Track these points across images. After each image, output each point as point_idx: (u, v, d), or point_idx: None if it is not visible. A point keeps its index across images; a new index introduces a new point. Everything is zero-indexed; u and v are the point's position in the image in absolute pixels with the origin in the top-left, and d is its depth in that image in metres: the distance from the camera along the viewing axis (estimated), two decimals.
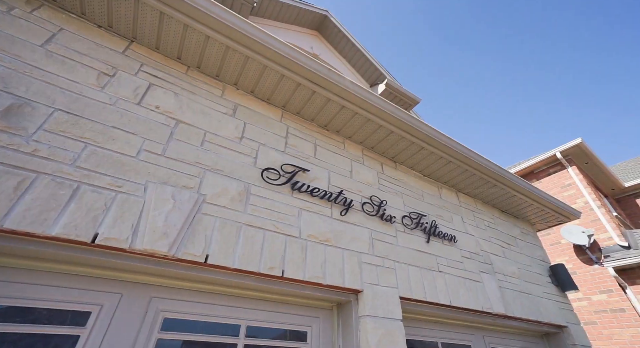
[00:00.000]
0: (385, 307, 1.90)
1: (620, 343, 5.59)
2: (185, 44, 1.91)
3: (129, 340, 1.30)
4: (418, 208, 2.70)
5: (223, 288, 1.62)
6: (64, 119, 1.40)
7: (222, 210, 1.63)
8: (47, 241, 1.18)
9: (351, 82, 2.24)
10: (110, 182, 1.37)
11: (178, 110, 1.79)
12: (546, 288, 3.35)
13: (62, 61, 1.55)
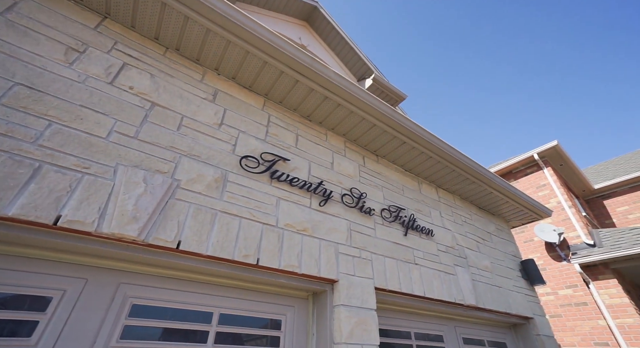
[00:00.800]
0: (360, 296, 1.92)
1: (581, 335, 5.93)
2: (163, 24, 1.83)
3: (93, 326, 1.26)
4: (398, 202, 2.73)
5: (196, 275, 1.59)
6: (25, 94, 1.31)
7: (197, 196, 1.59)
8: (2, 222, 1.11)
9: (335, 73, 2.22)
10: (76, 163, 1.31)
11: (154, 92, 1.72)
12: (516, 282, 3.49)
13: (25, 32, 1.45)
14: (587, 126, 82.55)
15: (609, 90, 59.39)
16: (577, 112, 72.59)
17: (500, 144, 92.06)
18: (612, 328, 5.58)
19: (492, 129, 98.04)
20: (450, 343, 2.64)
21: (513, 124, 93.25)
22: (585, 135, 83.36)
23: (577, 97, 65.96)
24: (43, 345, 1.14)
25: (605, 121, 76.38)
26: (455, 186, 3.44)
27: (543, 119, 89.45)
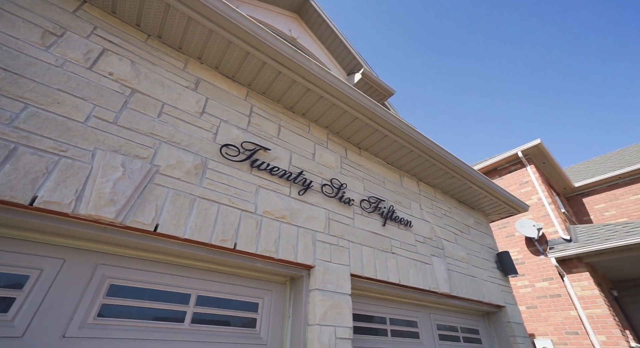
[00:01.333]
0: (335, 282, 2.00)
1: (554, 324, 6.20)
2: (144, 11, 1.83)
3: (71, 304, 1.30)
4: (378, 193, 2.82)
5: (174, 258, 1.63)
6: (1, 76, 1.32)
7: (176, 182, 1.63)
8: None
9: (317, 66, 2.26)
10: (53, 146, 1.33)
11: (134, 79, 1.74)
12: (491, 273, 3.64)
13: (0, 13, 1.45)
14: (574, 126, 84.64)
15: (595, 91, 60.69)
16: (565, 112, 74.24)
17: (489, 142, 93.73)
18: (582, 318, 5.85)
19: (481, 128, 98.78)
20: (424, 328, 2.77)
21: (502, 123, 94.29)
22: (573, 135, 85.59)
23: (564, 97, 67.34)
24: (19, 321, 1.18)
25: (592, 121, 78.36)
26: (436, 179, 3.54)
27: (530, 119, 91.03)
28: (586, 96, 60.64)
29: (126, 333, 1.38)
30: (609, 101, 59.29)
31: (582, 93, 58.25)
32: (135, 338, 1.39)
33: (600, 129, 74.02)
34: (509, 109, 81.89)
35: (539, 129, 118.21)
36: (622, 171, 8.73)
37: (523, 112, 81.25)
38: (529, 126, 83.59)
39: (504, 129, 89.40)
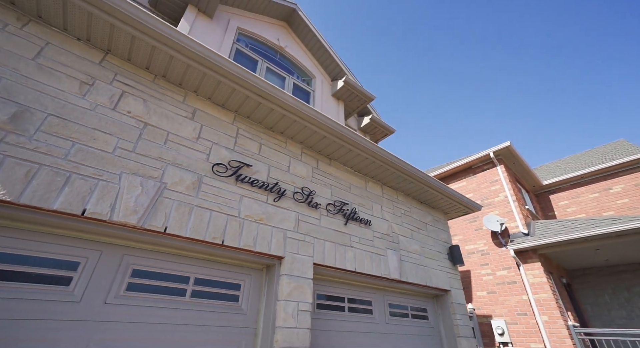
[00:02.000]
0: (300, 269, 2.62)
1: (509, 307, 7.05)
2: (153, 57, 2.35)
3: (107, 281, 1.89)
4: (343, 198, 3.42)
5: (178, 251, 2.23)
6: (55, 122, 1.86)
7: (179, 195, 2.20)
8: (50, 213, 1.70)
9: (291, 97, 2.81)
10: (93, 172, 1.89)
11: (146, 114, 2.28)
12: (441, 263, 4.33)
13: (50, 72, 1.97)
14: (558, 124, 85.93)
15: (572, 89, 60.85)
16: (543, 112, 74.81)
17: (476, 140, 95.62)
18: (531, 302, 6.69)
19: (469, 126, 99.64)
20: (377, 306, 3.45)
21: (486, 124, 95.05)
22: (557, 132, 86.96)
23: (542, 98, 67.54)
24: (77, 291, 1.77)
25: (574, 119, 79.69)
26: (398, 184, 4.16)
27: (511, 120, 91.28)
28: (565, 96, 61.00)
29: (145, 302, 1.99)
30: (590, 100, 59.79)
31: (559, 93, 58.22)
32: (151, 306, 2.00)
33: (582, 128, 75.24)
34: (497, 109, 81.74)
35: (519, 127, 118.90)
36: (583, 171, 9.51)
37: (510, 112, 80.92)
38: (509, 127, 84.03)
39: (488, 129, 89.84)
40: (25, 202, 1.61)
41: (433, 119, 79.12)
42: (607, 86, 61.26)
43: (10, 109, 1.73)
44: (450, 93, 65.78)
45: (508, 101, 63.98)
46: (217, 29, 4.84)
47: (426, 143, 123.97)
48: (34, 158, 1.72)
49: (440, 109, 76.37)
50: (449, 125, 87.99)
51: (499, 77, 52.86)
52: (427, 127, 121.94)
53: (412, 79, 55.71)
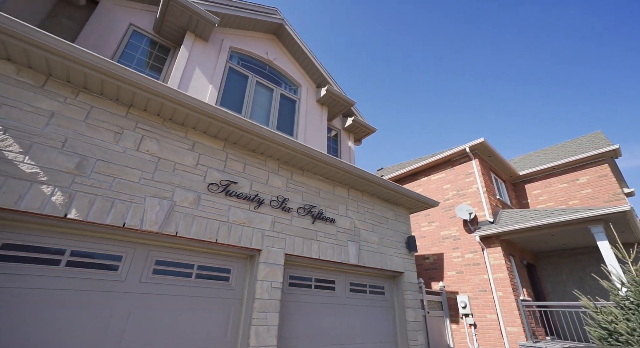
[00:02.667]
0: (274, 258, 3.62)
1: (472, 285, 8.15)
2: (162, 109, 3.23)
3: (140, 267, 2.90)
4: (312, 202, 4.36)
5: (186, 247, 3.22)
6: (102, 165, 2.80)
7: (185, 209, 3.16)
8: (104, 226, 2.68)
9: (267, 130, 3.69)
10: (127, 197, 2.84)
11: (159, 151, 3.20)
12: (399, 250, 5.32)
13: (95, 128, 2.88)
14: (524, 121, 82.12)
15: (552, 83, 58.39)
16: (522, 106, 72.42)
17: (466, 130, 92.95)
18: (490, 280, 7.76)
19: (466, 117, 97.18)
20: (339, 285, 4.48)
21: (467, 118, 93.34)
22: (527, 128, 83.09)
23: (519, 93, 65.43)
24: (123, 274, 2.78)
25: (534, 117, 76.82)
26: (362, 187, 5.08)
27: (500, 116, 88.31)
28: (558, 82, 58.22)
29: (165, 281, 3.00)
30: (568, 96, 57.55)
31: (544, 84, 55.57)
32: (169, 284, 3.02)
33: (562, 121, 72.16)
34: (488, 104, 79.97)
35: (496, 125, 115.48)
36: (555, 163, 10.28)
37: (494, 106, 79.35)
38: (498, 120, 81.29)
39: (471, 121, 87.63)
40: (90, 220, 2.58)
41: (426, 114, 77.09)
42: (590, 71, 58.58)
43: (75, 159, 2.67)
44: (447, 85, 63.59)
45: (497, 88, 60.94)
46: (212, 51, 5.61)
47: (415, 134, 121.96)
48: (92, 191, 2.67)
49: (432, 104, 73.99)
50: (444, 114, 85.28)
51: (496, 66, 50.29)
52: (415, 121, 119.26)
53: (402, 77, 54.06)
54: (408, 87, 65.91)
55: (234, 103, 5.62)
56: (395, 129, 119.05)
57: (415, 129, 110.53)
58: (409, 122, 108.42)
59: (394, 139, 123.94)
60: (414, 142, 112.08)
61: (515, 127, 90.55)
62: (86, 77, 2.81)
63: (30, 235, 2.49)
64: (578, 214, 6.59)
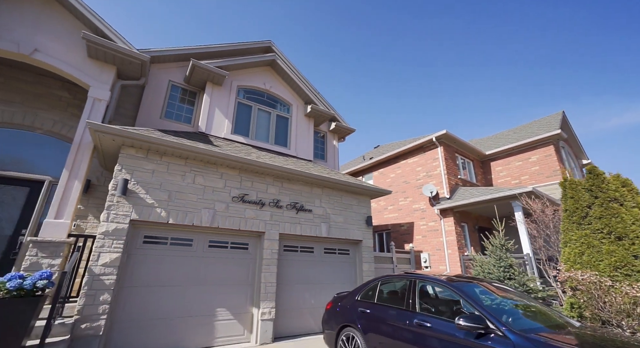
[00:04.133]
0: (273, 236, 6.33)
1: (432, 245, 10.78)
2: (203, 159, 5.78)
3: (202, 244, 5.69)
4: (296, 199, 6.95)
5: (224, 232, 5.96)
6: (178, 194, 5.46)
7: (221, 212, 5.83)
8: (183, 225, 5.41)
9: (263, 162, 6.19)
10: (191, 209, 5.52)
11: (204, 181, 5.81)
12: (360, 226, 7.92)
13: (172, 174, 5.49)
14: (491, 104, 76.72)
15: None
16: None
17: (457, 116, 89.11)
18: (444, 242, 10.35)
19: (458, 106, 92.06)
20: (317, 249, 7.22)
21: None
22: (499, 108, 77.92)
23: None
24: (194, 247, 5.57)
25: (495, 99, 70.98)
26: (332, 186, 7.57)
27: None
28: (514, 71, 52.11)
29: (214, 252, 5.79)
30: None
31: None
32: (216, 252, 5.80)
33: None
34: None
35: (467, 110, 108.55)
36: (514, 144, 12.19)
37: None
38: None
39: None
40: (177, 222, 5.30)
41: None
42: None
43: (166, 193, 5.33)
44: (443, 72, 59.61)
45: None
46: (225, 92, 7.95)
47: (400, 120, 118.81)
48: (176, 208, 5.36)
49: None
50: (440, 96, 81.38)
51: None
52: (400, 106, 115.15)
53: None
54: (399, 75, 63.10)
55: (243, 129, 8.06)
56: (394, 109, 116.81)
57: (417, 108, 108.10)
58: (407, 104, 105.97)
59: (394, 118, 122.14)
60: (414, 119, 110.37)
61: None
62: (165, 149, 5.37)
63: (154, 231, 5.26)
64: (500, 194, 8.87)
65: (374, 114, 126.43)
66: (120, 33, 5.81)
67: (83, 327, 4.13)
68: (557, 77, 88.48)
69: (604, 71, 76.67)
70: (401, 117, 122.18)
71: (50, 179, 5.86)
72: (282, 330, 6.12)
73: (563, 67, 76.70)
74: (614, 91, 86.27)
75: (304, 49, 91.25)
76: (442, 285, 3.69)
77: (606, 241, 5.00)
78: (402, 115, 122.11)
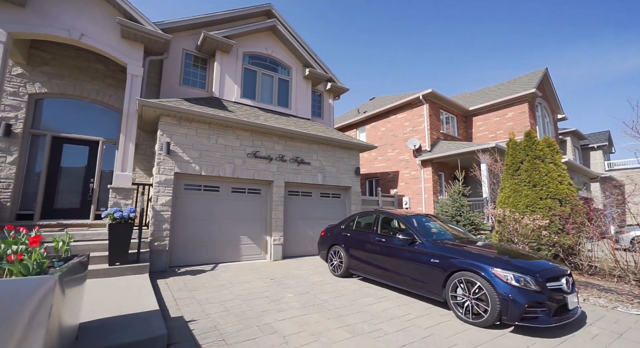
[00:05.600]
0: (279, 183, 8.12)
1: (412, 190, 12.76)
2: (223, 123, 7.24)
3: (227, 191, 7.50)
4: (297, 154, 8.57)
5: (242, 182, 7.72)
6: (206, 152, 7.06)
7: (239, 166, 7.51)
8: (213, 176, 7.13)
9: (269, 125, 7.65)
10: (217, 164, 7.19)
11: (224, 142, 7.36)
12: (349, 175, 9.70)
13: (200, 136, 7.03)
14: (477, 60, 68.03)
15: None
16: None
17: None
18: (422, 188, 12.30)
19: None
20: (314, 194, 9.11)
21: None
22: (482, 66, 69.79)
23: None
24: (221, 192, 7.39)
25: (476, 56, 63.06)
26: (326, 143, 9.12)
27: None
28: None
29: (236, 195, 7.62)
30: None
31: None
32: (237, 195, 7.64)
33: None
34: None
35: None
36: (493, 101, 13.36)
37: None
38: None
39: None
40: (207, 174, 7.01)
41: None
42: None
43: (198, 152, 6.92)
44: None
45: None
46: (232, 59, 9.00)
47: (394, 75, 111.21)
48: (206, 163, 7.01)
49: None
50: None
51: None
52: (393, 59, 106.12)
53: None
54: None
55: (250, 92, 9.29)
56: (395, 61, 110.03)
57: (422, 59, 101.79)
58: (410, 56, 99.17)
59: (396, 69, 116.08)
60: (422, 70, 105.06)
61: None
62: (193, 117, 6.81)
63: (191, 181, 6.99)
64: (468, 149, 10.48)
65: (375, 65, 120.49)
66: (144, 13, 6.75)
67: (156, 244, 6.12)
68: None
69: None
70: (413, 69, 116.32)
71: (103, 140, 7.40)
72: (288, 252, 8.30)
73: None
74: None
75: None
76: (395, 217, 5.54)
77: (526, 188, 6.79)
78: (413, 67, 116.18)
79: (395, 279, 4.85)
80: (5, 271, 1.82)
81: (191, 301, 4.26)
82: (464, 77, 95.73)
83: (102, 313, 3.31)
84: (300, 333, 3.29)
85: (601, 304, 4.48)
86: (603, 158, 21.96)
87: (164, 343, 2.87)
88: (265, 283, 5.41)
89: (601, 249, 6.16)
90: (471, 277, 3.74)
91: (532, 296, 3.38)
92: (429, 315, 3.95)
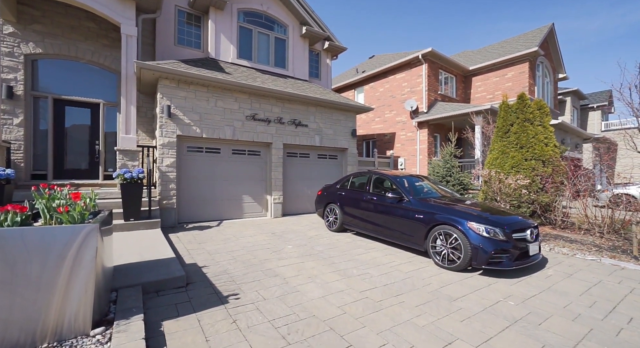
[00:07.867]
0: (278, 145, 8.40)
1: (408, 152, 13.09)
2: (221, 86, 7.30)
3: (227, 153, 7.81)
4: (295, 117, 8.73)
5: (242, 144, 8.00)
6: (206, 115, 7.24)
7: (239, 128, 7.72)
8: (214, 138, 7.39)
9: (267, 87, 7.71)
10: (217, 126, 7.41)
11: (223, 104, 7.49)
12: (346, 137, 9.94)
13: (199, 99, 7.14)
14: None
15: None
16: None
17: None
18: (417, 149, 12.62)
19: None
20: (312, 155, 9.45)
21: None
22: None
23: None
24: (222, 154, 7.72)
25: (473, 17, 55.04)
26: (323, 105, 9.22)
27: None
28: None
29: (237, 156, 7.95)
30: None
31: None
32: (238, 157, 7.98)
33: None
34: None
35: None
36: (495, 60, 13.10)
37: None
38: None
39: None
40: (208, 137, 7.27)
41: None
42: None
43: (197, 114, 7.10)
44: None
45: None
46: (226, 16, 8.71)
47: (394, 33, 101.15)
48: (206, 125, 7.22)
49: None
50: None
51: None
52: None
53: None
54: None
55: (246, 53, 9.13)
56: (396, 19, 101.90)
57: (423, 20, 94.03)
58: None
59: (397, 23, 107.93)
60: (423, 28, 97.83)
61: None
62: (191, 80, 6.87)
63: (193, 143, 7.27)
64: (464, 110, 10.59)
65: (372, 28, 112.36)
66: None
67: (164, 203, 6.60)
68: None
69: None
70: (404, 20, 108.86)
71: (104, 102, 7.50)
72: (287, 210, 8.86)
73: None
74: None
75: None
76: (386, 177, 5.95)
77: (514, 149, 7.13)
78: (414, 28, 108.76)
79: (384, 233, 5.40)
80: (54, 221, 2.22)
81: (202, 252, 4.82)
82: (474, 29, 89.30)
83: (127, 258, 3.84)
84: (298, 276, 3.85)
85: (564, 252, 5.09)
86: (601, 118, 21.98)
87: (183, 282, 3.41)
88: (267, 236, 5.98)
89: (575, 206, 6.70)
90: (449, 230, 4.25)
91: (499, 245, 3.90)
92: (411, 263, 4.54)
